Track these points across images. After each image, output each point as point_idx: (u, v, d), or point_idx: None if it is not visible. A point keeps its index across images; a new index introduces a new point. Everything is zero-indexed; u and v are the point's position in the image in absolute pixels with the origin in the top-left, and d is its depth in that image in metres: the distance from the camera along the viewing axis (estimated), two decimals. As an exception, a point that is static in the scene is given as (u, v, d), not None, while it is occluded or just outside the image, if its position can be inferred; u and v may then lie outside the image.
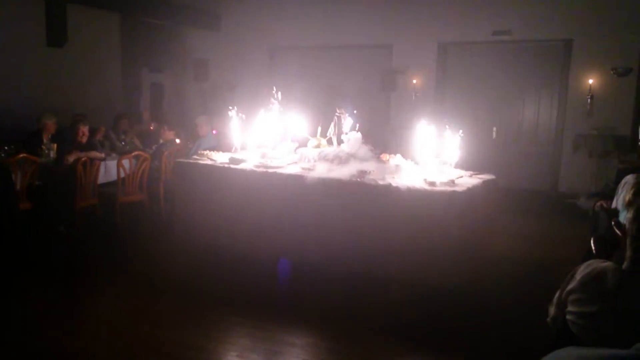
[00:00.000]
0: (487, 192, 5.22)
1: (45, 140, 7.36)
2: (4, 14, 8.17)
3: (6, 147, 6.74)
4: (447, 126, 5.35)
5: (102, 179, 7.29)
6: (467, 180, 5.09)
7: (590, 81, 9.32)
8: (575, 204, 8.88)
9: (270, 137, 5.94)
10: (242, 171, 5.46)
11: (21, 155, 6.49)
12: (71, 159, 6.83)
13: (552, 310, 2.39)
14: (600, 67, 9.27)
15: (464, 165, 5.41)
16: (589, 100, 9.35)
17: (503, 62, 10.24)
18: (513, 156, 10.22)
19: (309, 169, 5.26)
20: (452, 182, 4.79)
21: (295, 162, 5.56)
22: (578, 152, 9.43)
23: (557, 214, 8.51)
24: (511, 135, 10.42)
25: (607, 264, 2.20)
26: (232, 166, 5.55)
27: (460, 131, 5.31)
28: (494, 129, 10.42)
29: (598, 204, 5.10)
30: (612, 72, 9.12)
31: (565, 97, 9.76)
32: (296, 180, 5.16)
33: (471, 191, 4.80)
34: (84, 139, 7.22)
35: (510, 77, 10.23)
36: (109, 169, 7.44)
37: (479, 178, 5.26)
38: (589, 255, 3.97)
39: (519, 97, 10.31)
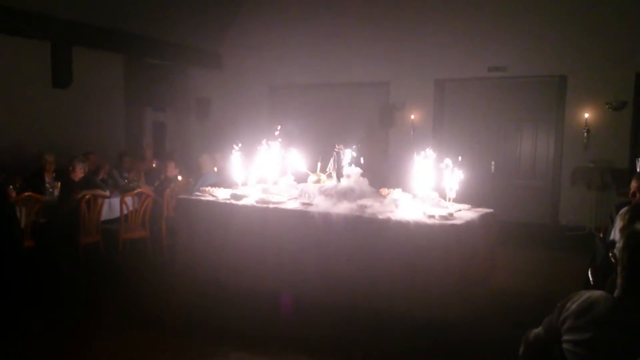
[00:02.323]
0: (485, 225, 5.28)
1: (47, 179, 7.48)
2: (12, 56, 8.39)
3: (11, 186, 6.83)
4: (446, 159, 5.41)
5: (105, 216, 7.37)
6: (465, 213, 5.15)
7: (586, 115, 9.48)
8: (572, 236, 8.92)
9: (271, 173, 6.04)
10: (244, 207, 5.54)
11: (26, 194, 6.58)
12: (77, 197, 6.90)
13: (530, 335, 2.46)
14: (595, 102, 9.45)
15: (463, 199, 5.47)
16: (585, 134, 9.50)
17: (499, 97, 10.42)
18: (512, 189, 10.32)
19: (310, 204, 5.33)
20: (451, 216, 4.85)
21: (296, 198, 5.64)
22: (576, 185, 9.52)
23: (556, 247, 8.55)
24: (509, 169, 10.53)
25: (600, 292, 2.27)
26: (234, 202, 5.63)
27: (459, 160, 5.37)
28: (492, 162, 10.55)
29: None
30: (607, 106, 9.29)
31: (562, 131, 9.90)
32: (297, 215, 5.23)
33: (469, 224, 4.86)
34: (77, 176, 7.16)
35: (507, 111, 10.41)
36: (113, 206, 7.52)
37: (477, 211, 5.32)
38: (586, 287, 4.02)
39: (516, 131, 10.46)
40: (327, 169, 5.91)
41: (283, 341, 4.70)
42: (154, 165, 9.77)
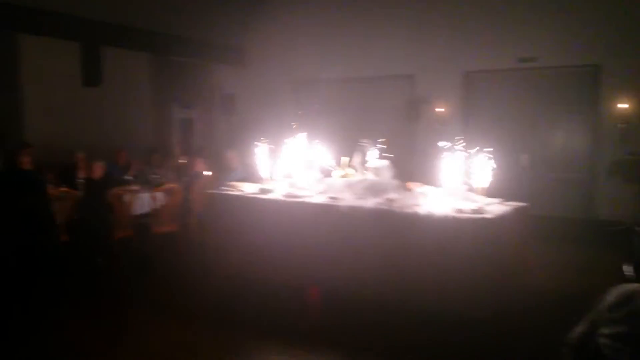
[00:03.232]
0: (517, 219, 5.16)
1: (79, 176, 7.60)
2: (43, 56, 8.54)
3: (50, 184, 6.95)
4: (475, 152, 5.29)
5: (136, 210, 7.49)
6: (496, 207, 5.04)
7: (622, 105, 9.19)
8: (611, 231, 8.67)
9: (297, 168, 6.02)
10: (271, 201, 5.54)
11: (62, 190, 6.72)
12: (108, 194, 7.01)
13: (574, 335, 2.37)
14: (630, 91, 9.14)
15: (495, 193, 5.34)
16: (621, 124, 9.21)
17: (530, 89, 10.18)
18: (545, 183, 10.07)
19: (336, 198, 5.29)
20: (481, 209, 4.75)
21: (322, 192, 5.61)
22: (613, 178, 9.24)
23: (593, 242, 8.31)
24: (543, 162, 10.28)
25: (638, 285, 2.18)
26: (261, 196, 5.64)
27: (490, 154, 5.24)
28: (525, 156, 10.32)
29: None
30: (643, 96, 9.00)
31: (597, 123, 9.62)
32: (323, 209, 5.21)
33: (501, 218, 4.75)
34: (95, 174, 7.29)
35: (539, 103, 10.15)
36: (144, 202, 7.63)
37: (508, 205, 5.19)
38: (624, 282, 3.89)
39: (548, 123, 10.20)
40: (354, 163, 5.86)
41: (310, 334, 4.68)
42: (182, 161, 9.85)
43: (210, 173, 8.43)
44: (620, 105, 9.20)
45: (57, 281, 6.00)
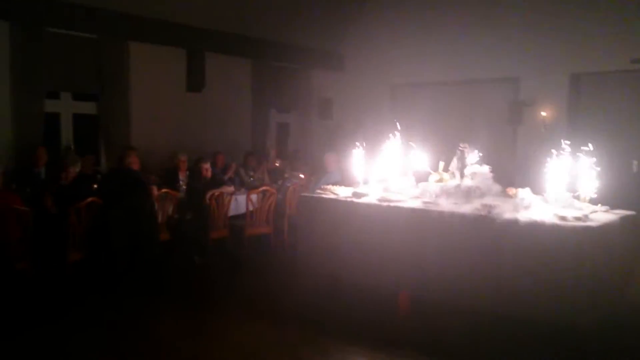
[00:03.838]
0: (624, 228, 4.82)
1: (181, 177, 7.99)
2: (151, 62, 9.05)
3: (154, 185, 7.35)
4: (582, 157, 5.01)
5: (232, 212, 7.74)
6: (602, 215, 4.74)
7: None
8: None
9: (392, 172, 5.98)
10: (365, 205, 5.53)
11: (163, 191, 7.10)
12: (207, 196, 7.31)
13: None
14: None
15: (601, 200, 5.03)
16: None
17: (643, 92, 9.50)
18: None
19: (431, 203, 5.20)
20: (586, 217, 4.48)
21: (417, 197, 5.53)
22: None
23: None
24: (655, 169, 9.56)
25: None
26: (355, 200, 5.64)
27: (597, 159, 4.94)
28: (635, 162, 9.65)
29: None
30: None
31: None
32: (418, 214, 5.13)
33: (606, 227, 4.47)
34: (209, 174, 7.63)
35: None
36: (239, 203, 7.88)
37: (615, 214, 4.87)
38: None
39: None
40: (450, 168, 5.73)
41: (401, 342, 4.64)
42: (277, 164, 10.08)
43: (303, 176, 8.58)
44: None
45: (156, 277, 6.32)
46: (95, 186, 6.82)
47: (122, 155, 6.95)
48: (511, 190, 5.33)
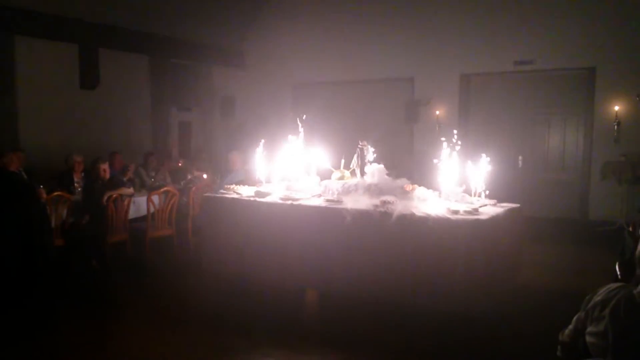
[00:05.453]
0: (511, 220, 5.20)
1: (76, 179, 7.61)
2: (41, 58, 8.55)
3: (42, 186, 6.97)
4: (471, 154, 5.34)
5: (132, 214, 7.47)
6: (490, 209, 5.08)
7: (616, 108, 9.27)
8: (603, 232, 8.73)
9: (294, 170, 6.05)
10: (268, 204, 5.56)
11: (56, 193, 6.72)
12: (104, 198, 7.00)
13: (565, 333, 2.43)
14: (625, 94, 9.23)
15: (490, 194, 5.40)
16: (615, 127, 9.28)
17: (527, 91, 10.26)
18: (540, 184, 10.15)
19: (333, 201, 5.33)
20: (476, 211, 4.80)
21: (319, 194, 5.64)
22: (607, 179, 9.31)
23: (586, 242, 8.37)
24: (537, 163, 10.36)
25: (620, 284, 2.27)
26: (258, 199, 5.66)
27: (485, 157, 5.29)
28: (520, 157, 10.39)
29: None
30: (638, 99, 9.06)
31: (592, 125, 9.71)
32: (320, 212, 5.23)
33: (494, 219, 4.80)
34: (107, 175, 7.27)
35: (535, 105, 10.24)
36: (139, 205, 7.61)
37: (502, 207, 5.25)
38: (615, 282, 3.94)
39: (544, 125, 10.29)
40: (351, 166, 5.89)
41: (307, 336, 4.71)
42: (179, 164, 9.88)
43: (206, 176, 8.45)
44: (614, 107, 9.27)
45: (51, 285, 5.99)
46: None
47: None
48: (409, 187, 5.57)
